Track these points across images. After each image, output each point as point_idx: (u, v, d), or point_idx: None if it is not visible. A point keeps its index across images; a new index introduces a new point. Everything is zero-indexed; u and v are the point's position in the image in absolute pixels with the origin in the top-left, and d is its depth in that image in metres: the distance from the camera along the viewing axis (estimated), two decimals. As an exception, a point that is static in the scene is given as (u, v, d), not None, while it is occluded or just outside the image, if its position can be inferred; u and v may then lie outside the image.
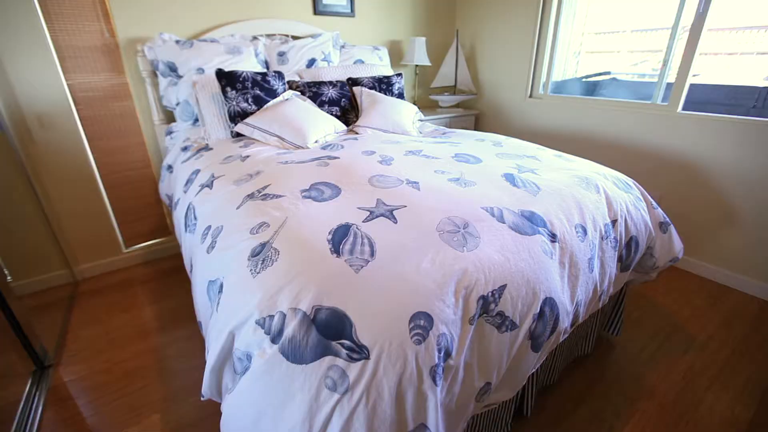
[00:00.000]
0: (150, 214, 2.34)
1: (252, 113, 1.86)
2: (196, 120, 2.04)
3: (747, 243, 2.00)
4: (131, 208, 2.27)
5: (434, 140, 1.82)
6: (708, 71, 2.56)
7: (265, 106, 1.88)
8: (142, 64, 2.03)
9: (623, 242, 1.31)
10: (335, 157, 1.43)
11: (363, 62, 2.54)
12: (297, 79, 2.21)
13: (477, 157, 1.47)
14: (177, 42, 2.01)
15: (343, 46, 2.59)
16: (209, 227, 1.12)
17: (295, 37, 2.45)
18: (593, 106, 2.49)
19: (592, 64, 2.91)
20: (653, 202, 1.47)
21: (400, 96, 2.29)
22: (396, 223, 0.96)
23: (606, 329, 1.69)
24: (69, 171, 2.00)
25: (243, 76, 1.88)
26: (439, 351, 0.77)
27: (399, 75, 2.34)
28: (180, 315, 1.87)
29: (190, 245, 1.24)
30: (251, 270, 0.87)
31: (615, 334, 1.69)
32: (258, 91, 1.89)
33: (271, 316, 0.77)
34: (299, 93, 2.07)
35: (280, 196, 1.13)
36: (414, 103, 3.03)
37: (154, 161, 2.26)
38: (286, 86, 2.06)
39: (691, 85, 2.10)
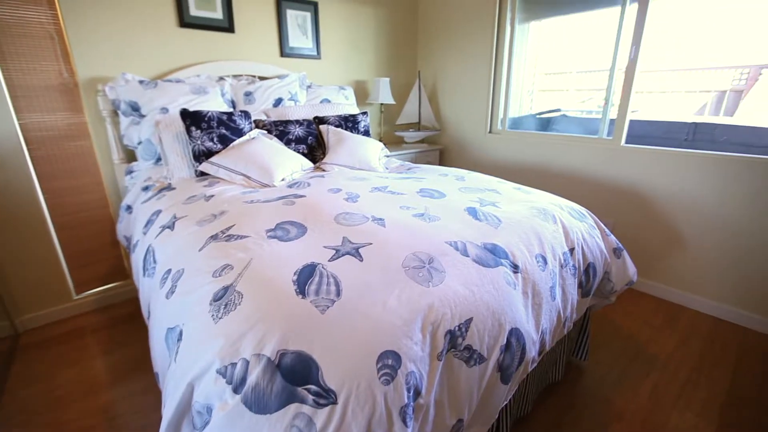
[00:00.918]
0: (105, 257, 2.22)
1: (217, 152, 1.85)
2: (159, 159, 2.00)
3: (694, 264, 2.15)
4: (85, 251, 2.14)
5: (400, 176, 1.87)
6: (645, 108, 2.83)
7: (231, 145, 1.88)
8: (103, 103, 1.99)
9: (582, 269, 1.37)
10: (301, 196, 1.44)
11: (329, 101, 2.62)
12: (264, 118, 2.24)
13: (441, 191, 1.52)
14: (141, 82, 2.00)
15: (309, 86, 2.67)
16: (169, 271, 1.08)
17: (262, 78, 2.50)
18: (547, 141, 2.67)
19: (545, 101, 3.15)
20: (606, 230, 1.57)
21: (366, 133, 2.36)
22: (362, 261, 0.97)
23: (574, 355, 1.72)
24: (15, 214, 1.89)
25: (208, 115, 1.88)
26: (409, 390, 0.76)
27: (364, 113, 2.42)
28: (135, 366, 1.74)
29: (149, 290, 1.18)
30: (213, 315, 0.84)
31: (583, 359, 1.73)
32: (224, 131, 1.90)
33: (234, 364, 0.74)
34: (266, 132, 2.09)
35: (245, 236, 1.12)
36: (380, 140, 3.13)
37: (112, 201, 2.18)
38: (253, 125, 2.08)
39: (631, 121, 2.30)
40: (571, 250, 1.32)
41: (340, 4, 2.85)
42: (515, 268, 1.09)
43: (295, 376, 0.71)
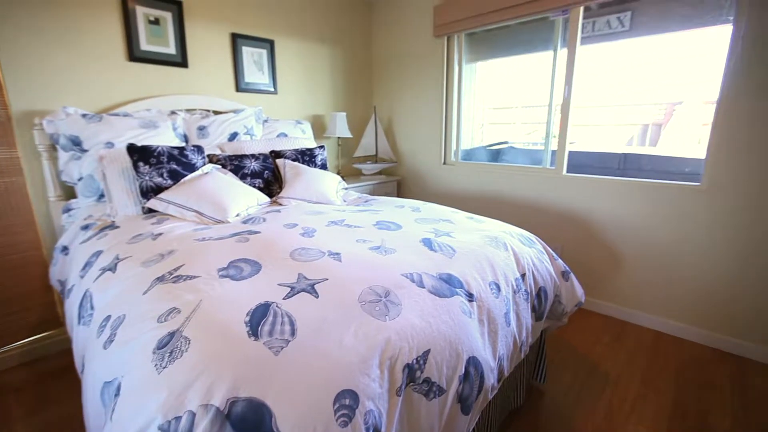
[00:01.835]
0: (36, 304, 2.01)
1: (167, 188, 1.78)
2: (102, 196, 1.89)
3: (632, 282, 2.31)
4: (11, 298, 1.93)
5: (357, 208, 1.90)
6: (583, 140, 3.11)
7: (182, 180, 1.82)
8: (39, 137, 1.87)
9: (534, 293, 1.43)
10: (256, 232, 1.41)
11: (286, 135, 2.63)
12: (218, 152, 2.20)
13: (397, 223, 1.56)
14: (84, 116, 1.91)
15: (266, 121, 2.67)
16: (108, 317, 1.00)
17: (217, 112, 2.47)
18: (497, 171, 2.83)
19: (495, 134, 3.37)
20: (554, 254, 1.66)
21: (324, 167, 2.38)
22: (317, 297, 0.96)
23: (534, 378, 1.76)
24: (-73, 261, 1.68)
25: (158, 150, 1.82)
26: (368, 430, 0.74)
27: (321, 147, 2.45)
28: (65, 428, 1.55)
29: (84, 340, 1.08)
30: (156, 365, 0.78)
31: (542, 382, 1.77)
32: (174, 166, 1.84)
33: (178, 418, 0.69)
34: (220, 166, 2.05)
35: (195, 276, 1.07)
36: (338, 173, 3.16)
37: (46, 242, 2.00)
38: (206, 160, 2.03)
39: (570, 152, 2.51)
40: (523, 275, 1.38)
41: (297, 42, 2.93)
42: (470, 296, 1.12)
43: (247, 425, 0.68)
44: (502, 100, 3.29)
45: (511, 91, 3.18)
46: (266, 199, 1.99)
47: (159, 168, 1.79)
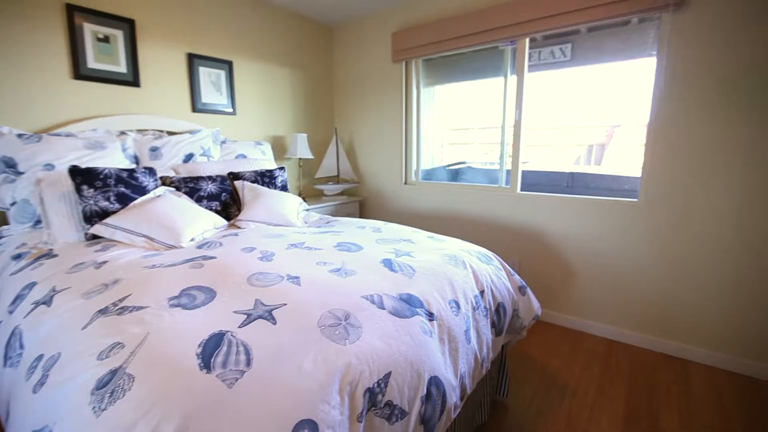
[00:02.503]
0: (-45, 346, 1.79)
1: (115, 212, 1.68)
2: (38, 222, 1.75)
3: (585, 293, 2.43)
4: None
5: (318, 230, 1.88)
6: (535, 159, 3.29)
7: (131, 204, 1.72)
8: (-34, 161, 1.72)
9: (493, 309, 1.47)
10: (212, 257, 1.36)
11: (245, 157, 2.58)
12: (172, 174, 2.12)
13: (358, 244, 1.56)
14: (20, 136, 1.78)
15: (224, 142, 2.62)
16: (40, 357, 0.91)
17: (171, 133, 2.39)
18: (456, 190, 2.92)
19: (455, 154, 3.49)
20: (511, 270, 1.72)
21: (284, 188, 2.35)
22: (275, 323, 0.93)
23: (496, 393, 1.79)
24: None
25: (105, 173, 1.72)
26: (328, 462, 0.72)
27: (282, 168, 2.43)
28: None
29: (10, 384, 0.97)
30: (95, 408, 0.72)
31: (505, 396, 1.80)
32: (123, 189, 1.74)
33: (118, 466, 0.63)
34: (174, 189, 1.97)
35: (143, 307, 1.00)
36: (299, 194, 3.13)
37: (-30, 275, 1.81)
38: (159, 182, 1.95)
39: (524, 171, 2.65)
40: (482, 292, 1.42)
41: (257, 64, 2.93)
42: (430, 315, 1.13)
43: (196, 467, 0.63)
44: (460, 122, 3.43)
45: (469, 113, 3.34)
46: (224, 222, 1.93)
47: (105, 191, 1.69)
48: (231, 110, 2.79)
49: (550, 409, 1.76)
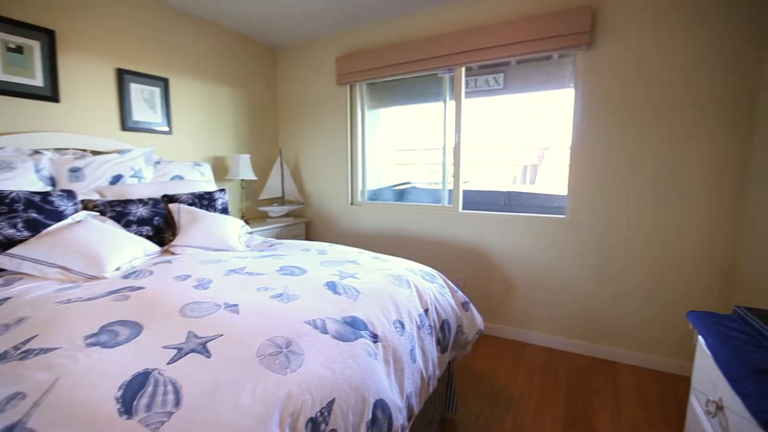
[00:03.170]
0: None
1: (23, 241, 1.50)
2: (-76, 256, 1.51)
3: (525, 305, 2.57)
4: None
5: (261, 254, 1.81)
6: (476, 179, 3.47)
7: (44, 232, 1.55)
8: None
9: (438, 327, 1.50)
10: (139, 287, 1.25)
11: (182, 178, 2.45)
12: (96, 197, 1.94)
13: (302, 268, 1.52)
14: None
15: (158, 162, 2.46)
16: None
17: (96, 153, 2.20)
18: (402, 210, 2.99)
19: (401, 174, 3.58)
20: (454, 287, 1.78)
21: (225, 211, 2.26)
22: (209, 357, 0.87)
23: (445, 410, 1.80)
24: None
25: (11, 196, 1.54)
26: (266, 503, 0.68)
27: (222, 190, 2.33)
28: None
29: None
30: (-15, 472, 0.62)
31: (453, 412, 1.82)
32: (34, 214, 1.57)
33: None
34: (98, 213, 1.81)
35: (53, 348, 0.89)
36: (242, 217, 3.02)
37: None
38: (79, 206, 1.78)
39: (465, 191, 2.78)
40: (426, 310, 1.45)
41: (196, 82, 2.82)
42: (375, 337, 1.13)
43: None
44: (405, 143, 3.55)
45: (413, 135, 3.47)
46: (156, 248, 1.80)
47: (12, 217, 1.50)
48: (167, 129, 2.65)
49: (497, 421, 1.81)
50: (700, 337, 1.12)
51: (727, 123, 1.94)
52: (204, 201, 2.17)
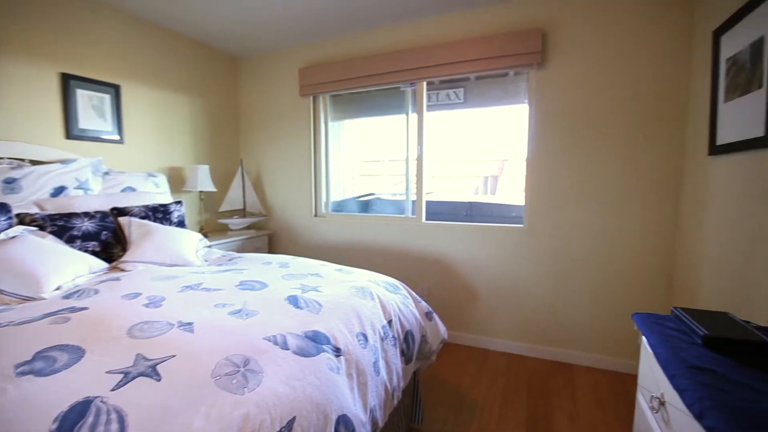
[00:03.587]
0: None
1: (-55, 261, 1.35)
2: None
3: (488, 312, 2.64)
4: None
5: (219, 269, 1.75)
6: (440, 190, 3.55)
7: (-29, 250, 1.41)
8: None
9: (402, 338, 1.51)
10: (82, 308, 1.16)
11: (134, 190, 2.32)
12: (35, 211, 1.80)
13: (263, 282, 1.48)
14: None
15: (107, 173, 2.32)
16: None
17: (35, 162, 2.04)
18: (366, 221, 2.99)
19: (366, 185, 3.59)
20: (417, 297, 1.80)
21: (181, 224, 2.16)
22: (160, 380, 0.83)
23: (412, 421, 1.80)
24: None
25: (-67, 212, 1.39)
26: None
27: (178, 202, 2.23)
28: None
29: None
30: None
31: (419, 423, 1.82)
32: (-40, 231, 1.42)
33: None
34: (36, 228, 1.67)
35: (-23, 380, 0.81)
36: (200, 230, 2.90)
37: None
38: (14, 221, 1.64)
39: (428, 202, 2.83)
40: (389, 322, 1.45)
41: (151, 90, 2.70)
42: (337, 351, 1.11)
43: None
44: (370, 154, 3.57)
45: (378, 146, 3.50)
46: (103, 265, 1.68)
47: (-67, 235, 1.36)
48: (117, 138, 2.51)
49: (462, 428, 1.82)
50: (643, 338, 1.20)
51: (664, 136, 2.12)
52: (158, 214, 2.06)
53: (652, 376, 1.11)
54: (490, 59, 2.41)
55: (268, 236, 3.28)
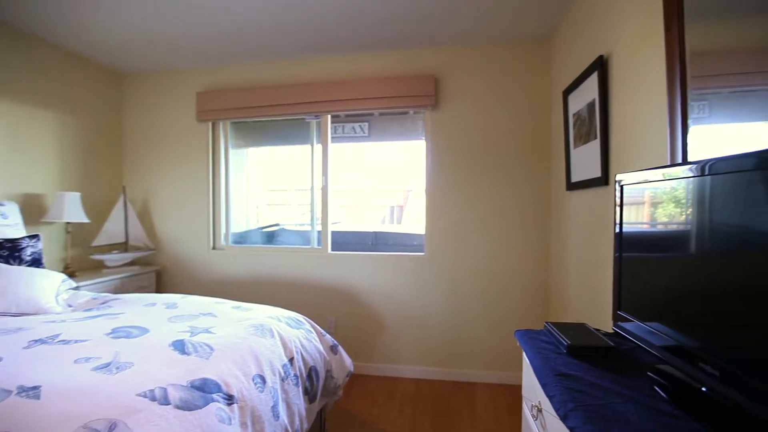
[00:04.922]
0: None
1: None
2: None
3: (395, 340, 2.69)
4: None
5: (86, 315, 1.48)
6: (346, 220, 3.58)
7: None
8: None
9: (305, 375, 1.44)
10: None
11: (-31, 222, 1.88)
12: None
13: (143, 327, 1.30)
14: None
15: (-73, 202, 1.84)
16: None
17: None
18: (270, 253, 2.87)
19: (272, 215, 3.45)
20: (322, 331, 1.75)
21: (36, 262, 1.80)
22: (-18, 467, 0.65)
23: (318, 465, 1.70)
24: None
25: None
26: None
27: (34, 236, 1.87)
28: None
29: None
30: None
31: (327, 466, 1.73)
32: None
33: None
34: None
35: None
36: (65, 268, 2.45)
37: None
38: None
39: (334, 232, 2.83)
40: (291, 359, 1.38)
41: (1, 103, 2.26)
42: (229, 399, 1.02)
43: None
44: (276, 183, 3.46)
45: (284, 175, 3.42)
46: None
47: None
48: (-53, 159, 2.02)
49: (370, 464, 1.78)
50: (524, 352, 1.35)
51: (539, 170, 2.49)
52: (3, 251, 1.69)
53: (531, 386, 1.24)
54: (391, 98, 2.59)
55: (156, 273, 2.91)
